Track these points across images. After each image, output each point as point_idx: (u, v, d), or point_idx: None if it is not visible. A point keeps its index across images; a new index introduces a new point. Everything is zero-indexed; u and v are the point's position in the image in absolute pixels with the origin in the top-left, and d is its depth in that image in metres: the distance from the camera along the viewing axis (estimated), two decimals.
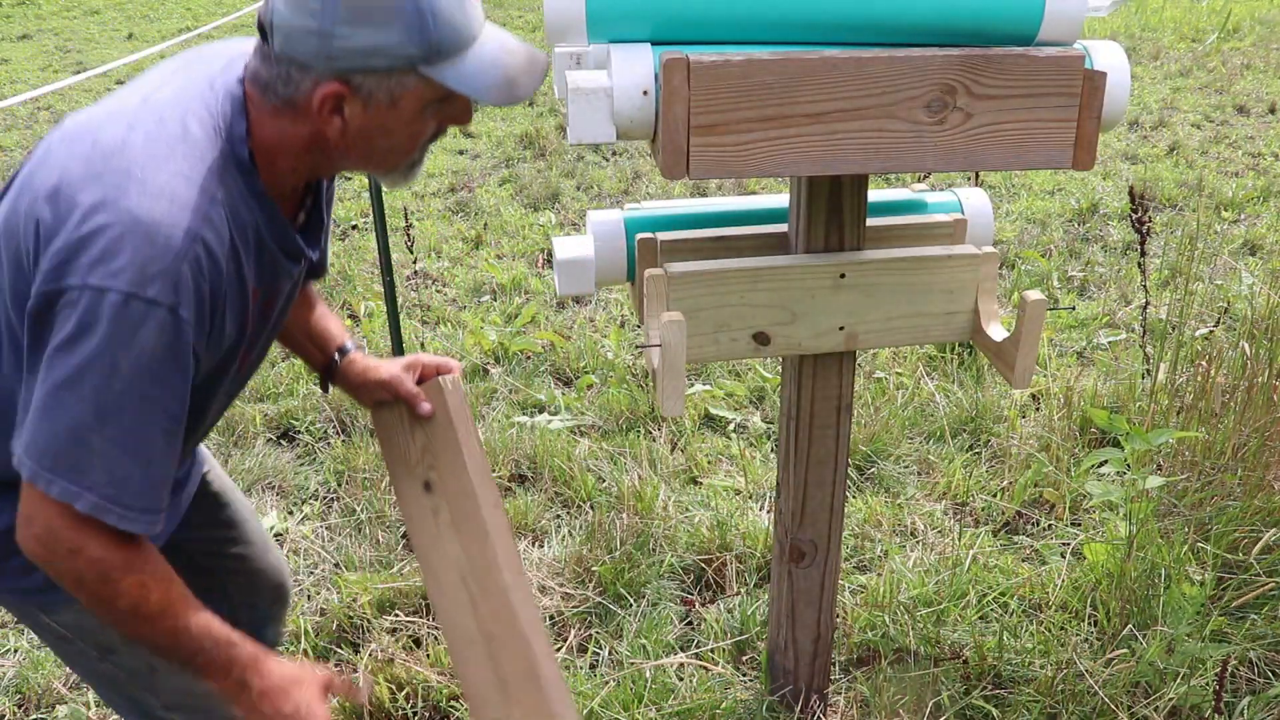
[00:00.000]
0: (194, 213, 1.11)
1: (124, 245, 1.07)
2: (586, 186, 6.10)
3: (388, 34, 1.10)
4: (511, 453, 3.22)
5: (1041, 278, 4.57)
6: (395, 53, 1.11)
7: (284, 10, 1.11)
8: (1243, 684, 2.27)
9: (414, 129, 1.21)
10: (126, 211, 1.08)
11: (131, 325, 1.08)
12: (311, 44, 1.11)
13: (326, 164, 1.25)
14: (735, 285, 1.68)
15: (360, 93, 1.14)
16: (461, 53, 1.15)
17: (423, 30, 1.11)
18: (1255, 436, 2.69)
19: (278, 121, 1.19)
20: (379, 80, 1.13)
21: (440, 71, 1.14)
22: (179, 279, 1.09)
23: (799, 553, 2.03)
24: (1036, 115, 1.48)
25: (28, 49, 10.28)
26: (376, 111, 1.16)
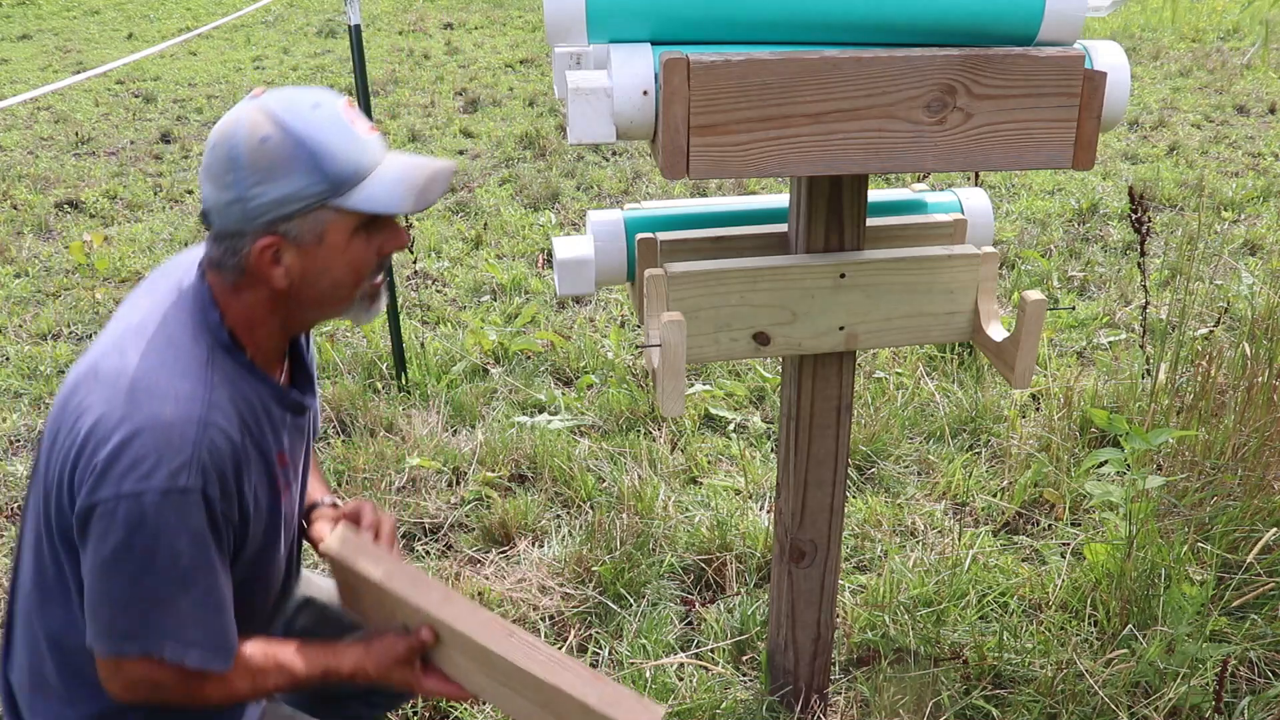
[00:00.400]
0: (199, 403, 1.26)
1: (148, 451, 1.21)
2: (586, 186, 6.10)
3: (292, 181, 1.25)
4: (511, 453, 3.22)
5: (1041, 278, 4.57)
6: (304, 195, 1.26)
7: (209, 192, 1.29)
8: (1243, 684, 2.27)
9: (350, 259, 1.32)
10: (141, 422, 1.22)
11: (176, 515, 1.23)
12: (236, 211, 1.27)
13: (295, 318, 1.38)
14: (735, 285, 1.68)
15: (290, 238, 1.28)
16: (365, 178, 1.28)
17: (321, 169, 1.25)
18: (1255, 436, 2.69)
19: (241, 296, 1.34)
20: (300, 223, 1.27)
21: (349, 199, 1.27)
22: (203, 465, 1.24)
23: (799, 553, 2.03)
24: (1036, 115, 1.48)
25: (28, 49, 10.28)
26: (309, 251, 1.30)
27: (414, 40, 10.65)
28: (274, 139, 1.24)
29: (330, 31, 11.03)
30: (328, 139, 1.26)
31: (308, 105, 1.27)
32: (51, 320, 4.36)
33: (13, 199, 5.89)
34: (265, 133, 1.24)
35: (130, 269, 4.90)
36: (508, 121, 7.56)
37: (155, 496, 1.22)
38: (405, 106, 7.99)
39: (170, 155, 6.82)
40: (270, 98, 1.28)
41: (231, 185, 1.26)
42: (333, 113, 1.28)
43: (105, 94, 8.44)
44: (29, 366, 3.96)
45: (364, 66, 3.62)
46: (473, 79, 8.90)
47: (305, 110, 1.26)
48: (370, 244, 1.33)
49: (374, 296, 1.39)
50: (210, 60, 9.71)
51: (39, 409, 3.69)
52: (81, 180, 6.27)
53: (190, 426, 1.24)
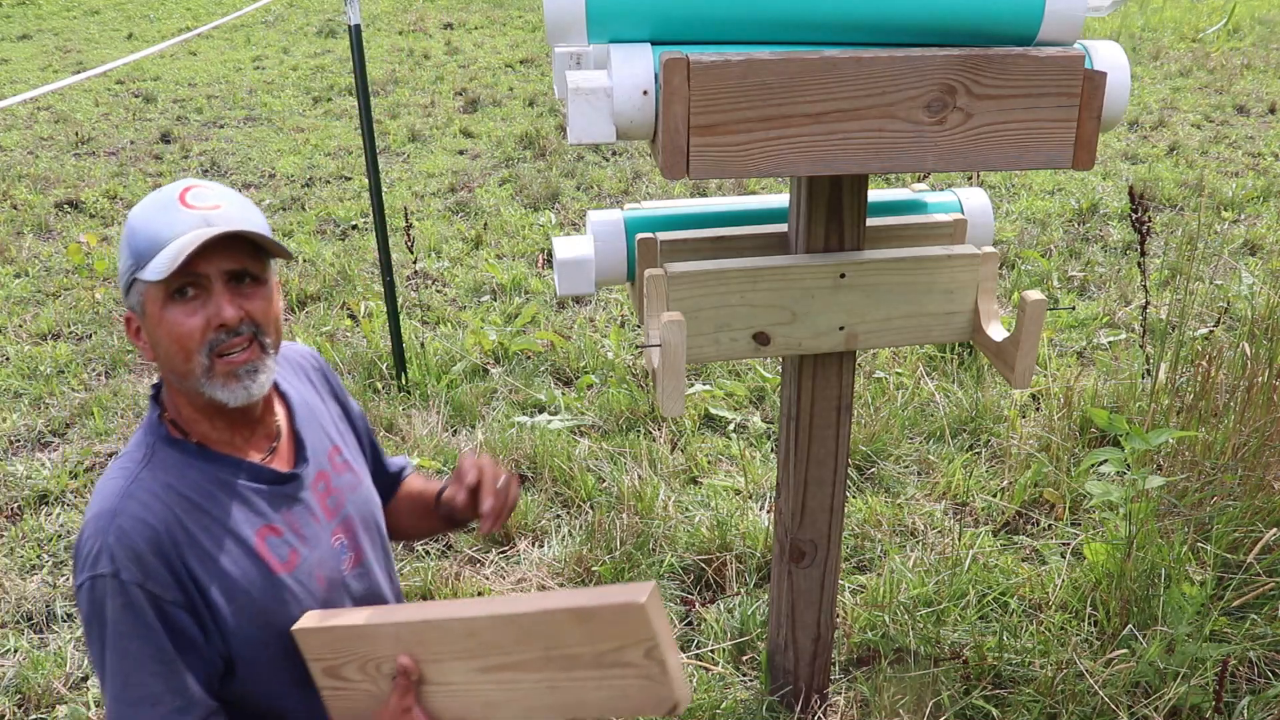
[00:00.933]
0: (114, 497, 1.33)
1: (80, 546, 1.33)
2: (586, 186, 6.10)
3: (123, 258, 1.36)
4: (511, 453, 3.22)
5: (1041, 278, 4.57)
6: (125, 269, 1.35)
7: None
8: (1243, 684, 2.27)
9: (168, 330, 1.34)
10: (87, 515, 1.35)
11: (98, 600, 1.31)
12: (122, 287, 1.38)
13: (192, 398, 1.39)
14: (735, 285, 1.68)
15: (135, 311, 1.37)
16: (161, 249, 1.31)
17: (132, 247, 1.34)
18: (1255, 436, 2.69)
19: (166, 389, 1.43)
20: (131, 297, 1.36)
21: (144, 272, 1.32)
22: (111, 552, 1.30)
23: (799, 553, 2.03)
24: (1036, 115, 1.48)
25: (28, 49, 10.28)
26: (146, 322, 1.36)
27: (414, 40, 10.65)
28: (127, 220, 1.37)
29: (330, 31, 11.03)
30: (144, 216, 1.34)
31: (166, 189, 1.37)
32: (51, 320, 4.36)
33: (13, 199, 5.89)
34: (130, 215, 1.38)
35: None
36: (508, 121, 7.56)
37: (84, 583, 1.32)
38: (405, 106, 7.98)
39: (170, 155, 6.82)
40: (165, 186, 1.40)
41: None
42: (167, 194, 1.35)
43: (105, 94, 8.44)
44: (29, 366, 3.96)
45: (364, 66, 3.62)
46: (473, 79, 8.90)
47: (155, 194, 1.37)
48: (189, 314, 1.33)
49: (219, 374, 1.35)
50: (210, 60, 9.71)
51: (39, 409, 3.69)
52: (81, 180, 6.27)
53: (103, 519, 1.32)
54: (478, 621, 1.31)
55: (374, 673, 1.39)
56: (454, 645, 1.34)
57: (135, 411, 3.62)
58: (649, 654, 1.30)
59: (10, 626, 2.65)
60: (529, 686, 1.32)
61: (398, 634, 1.36)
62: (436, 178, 6.33)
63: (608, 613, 1.26)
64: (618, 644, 1.28)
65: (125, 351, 4.09)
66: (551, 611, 1.27)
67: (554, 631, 1.28)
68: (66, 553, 2.91)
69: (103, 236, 5.39)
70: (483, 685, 1.35)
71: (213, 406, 1.39)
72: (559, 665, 1.30)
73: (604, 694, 1.31)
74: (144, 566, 1.32)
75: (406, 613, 1.37)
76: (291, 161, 6.67)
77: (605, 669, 1.30)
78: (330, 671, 1.42)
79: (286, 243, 5.18)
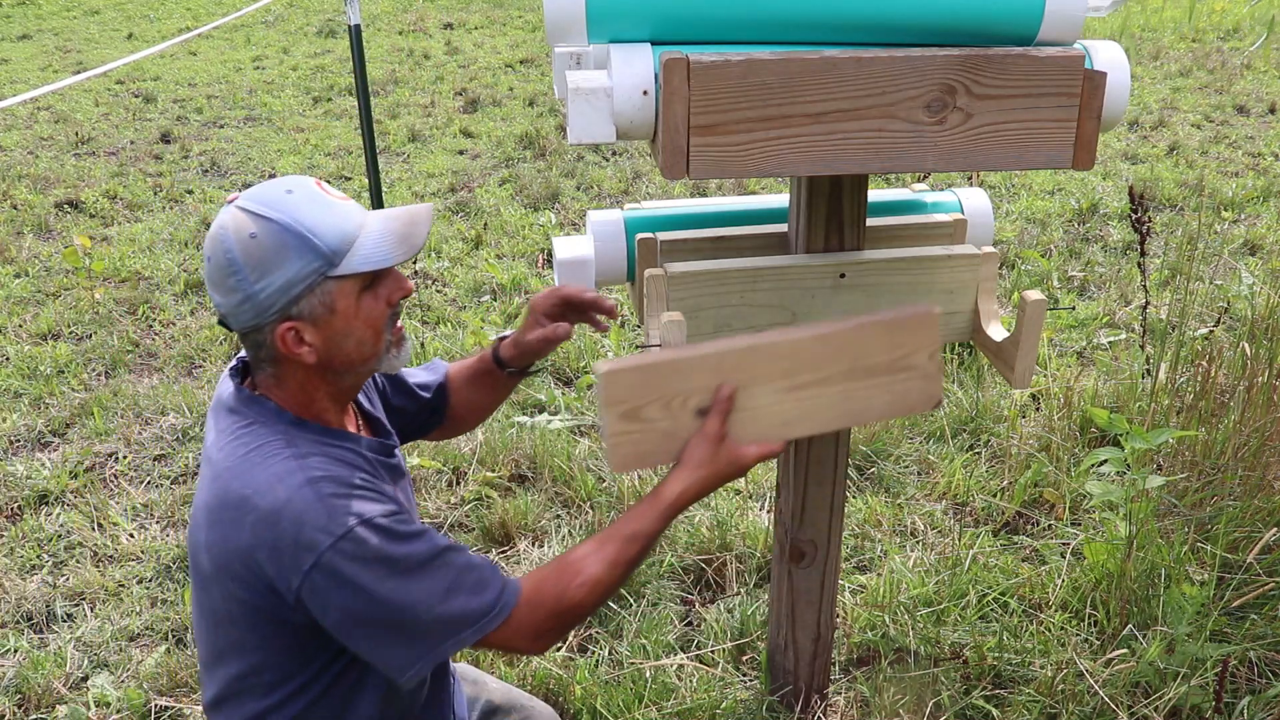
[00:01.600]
0: (296, 472, 1.33)
1: (304, 522, 1.30)
2: (586, 186, 6.10)
3: (290, 266, 1.32)
4: (511, 453, 3.22)
5: (1041, 278, 4.57)
6: (304, 275, 1.33)
7: (220, 300, 1.36)
8: (1243, 684, 2.27)
9: (364, 319, 1.39)
10: (272, 508, 1.31)
11: (357, 552, 1.30)
12: (248, 310, 1.34)
13: (336, 386, 1.45)
14: (735, 285, 1.68)
15: (304, 317, 1.36)
16: (354, 242, 1.35)
17: (313, 248, 1.32)
18: (1255, 436, 2.69)
19: (285, 385, 1.42)
20: (309, 301, 1.35)
21: (345, 266, 1.34)
22: (335, 508, 1.31)
23: (799, 553, 2.03)
24: (1036, 115, 1.48)
25: (28, 49, 10.28)
26: (326, 323, 1.36)
27: (414, 40, 10.65)
28: (261, 233, 1.31)
29: (330, 31, 11.04)
30: (310, 218, 1.33)
31: (281, 192, 1.34)
32: (51, 320, 4.36)
33: (13, 199, 5.89)
34: (251, 230, 1.32)
35: (130, 269, 4.90)
36: (508, 121, 7.56)
37: (326, 552, 1.29)
38: (405, 106, 7.99)
39: (170, 155, 6.82)
40: (244, 197, 1.35)
41: (236, 287, 1.33)
42: (307, 193, 1.35)
43: (105, 94, 8.44)
44: (29, 366, 3.96)
45: (364, 66, 3.62)
46: (473, 79, 8.90)
47: (281, 198, 1.34)
48: (378, 298, 1.40)
49: (398, 343, 1.45)
50: (210, 60, 9.71)
51: (39, 409, 3.69)
52: (81, 180, 6.27)
53: (303, 492, 1.31)
54: (800, 342, 1.46)
55: (678, 409, 1.46)
56: (771, 368, 1.46)
57: (135, 411, 3.62)
58: (931, 356, 1.52)
59: (10, 626, 2.65)
60: (826, 400, 1.49)
61: (719, 363, 1.45)
62: (436, 178, 6.33)
63: (911, 322, 1.48)
64: (910, 350, 1.50)
65: (125, 351, 4.09)
66: (866, 325, 1.47)
67: (863, 344, 1.47)
68: (67, 553, 2.91)
69: (103, 237, 5.39)
70: (784, 404, 1.49)
71: (344, 390, 1.46)
72: (858, 375, 1.49)
73: (887, 398, 1.52)
74: (371, 498, 1.35)
75: (718, 345, 1.47)
76: (291, 161, 6.67)
77: (895, 374, 1.50)
78: (630, 414, 1.46)
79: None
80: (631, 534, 1.45)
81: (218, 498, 1.37)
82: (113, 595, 2.74)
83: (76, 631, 2.60)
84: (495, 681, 1.90)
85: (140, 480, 3.26)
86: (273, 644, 1.41)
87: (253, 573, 1.34)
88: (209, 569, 1.40)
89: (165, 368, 4.00)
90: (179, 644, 2.56)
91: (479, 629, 1.36)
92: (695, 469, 1.45)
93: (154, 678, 2.42)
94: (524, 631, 1.40)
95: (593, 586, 1.41)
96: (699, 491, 1.46)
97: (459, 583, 1.36)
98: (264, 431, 1.39)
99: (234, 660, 1.45)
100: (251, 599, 1.37)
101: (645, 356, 1.46)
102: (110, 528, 3.01)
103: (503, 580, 1.40)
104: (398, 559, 1.32)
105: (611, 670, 2.37)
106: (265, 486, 1.32)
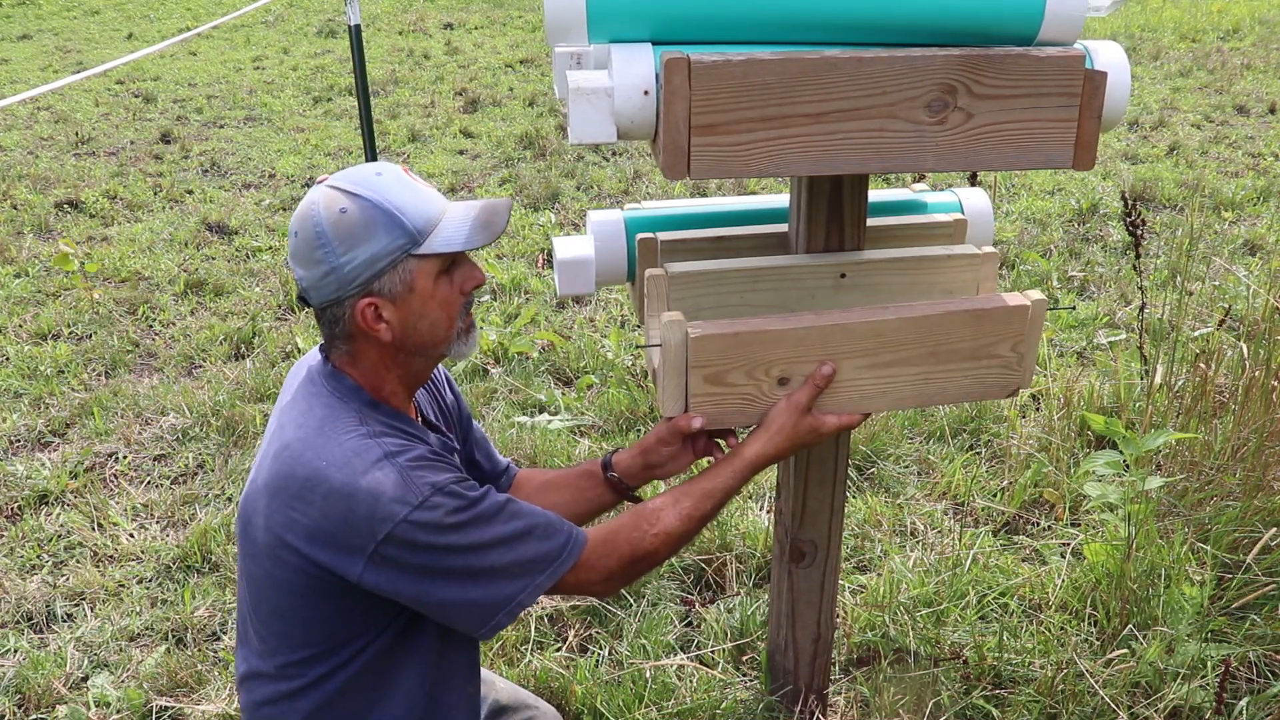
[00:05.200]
0: (371, 448, 1.38)
1: (380, 494, 1.34)
2: (586, 186, 6.10)
3: (376, 241, 1.37)
4: (511, 453, 3.22)
5: (1041, 278, 4.57)
6: (390, 250, 1.38)
7: (303, 273, 1.41)
8: (1242, 684, 2.27)
9: (440, 300, 1.44)
10: (347, 481, 1.35)
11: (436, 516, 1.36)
12: (331, 282, 1.39)
13: (408, 369, 1.50)
14: (735, 285, 1.68)
15: (384, 294, 1.41)
16: (436, 225, 1.41)
17: (400, 225, 1.38)
18: (1255, 436, 2.69)
19: (359, 364, 1.47)
20: (391, 277, 1.40)
21: (428, 246, 1.40)
22: (411, 479, 1.36)
23: (799, 553, 2.03)
24: (1037, 115, 1.48)
25: (28, 49, 10.28)
26: (404, 302, 1.42)
27: (414, 40, 10.65)
28: (351, 209, 1.37)
29: (330, 31, 11.04)
30: (399, 198, 1.39)
31: (372, 174, 1.40)
32: (51, 320, 4.36)
33: (13, 199, 5.89)
34: (342, 205, 1.37)
35: (130, 269, 4.90)
36: (508, 121, 7.57)
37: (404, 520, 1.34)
38: (405, 106, 7.99)
39: (170, 155, 6.82)
40: (336, 177, 1.41)
41: (322, 259, 1.38)
42: (396, 176, 1.41)
43: (105, 94, 8.44)
44: (29, 366, 3.96)
45: (364, 66, 3.62)
46: (473, 79, 8.90)
47: (372, 179, 1.40)
48: (453, 284, 1.46)
49: (468, 330, 1.51)
50: (210, 60, 9.72)
51: (39, 409, 3.69)
52: (81, 180, 6.27)
53: (381, 466, 1.36)
54: (886, 323, 1.51)
55: (761, 377, 1.54)
56: (855, 345, 1.52)
57: (135, 411, 3.62)
58: (1015, 346, 1.56)
59: (10, 626, 2.65)
60: (905, 380, 1.55)
61: (805, 336, 1.51)
62: (436, 178, 6.33)
63: (999, 313, 1.53)
64: (995, 339, 1.55)
65: (125, 351, 4.09)
66: (954, 313, 1.52)
67: (949, 329, 1.52)
68: (67, 553, 2.91)
69: (103, 237, 5.39)
70: (864, 381, 1.55)
71: (414, 374, 1.51)
72: (940, 359, 1.54)
73: (966, 382, 1.58)
74: (438, 469, 1.40)
75: (806, 318, 1.54)
76: (291, 161, 6.67)
77: (976, 360, 1.56)
78: (714, 378, 1.54)
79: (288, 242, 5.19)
80: (709, 490, 1.53)
81: (287, 467, 1.40)
82: (113, 595, 2.74)
83: (76, 631, 2.60)
84: (503, 681, 1.91)
85: (140, 480, 3.26)
86: (317, 618, 1.45)
87: (315, 545, 1.37)
88: (264, 539, 1.43)
89: (165, 368, 4.00)
90: (179, 644, 2.56)
91: (553, 572, 1.43)
92: (777, 434, 1.55)
93: (154, 678, 2.42)
94: (596, 573, 1.47)
95: (666, 537, 1.50)
96: (777, 455, 1.56)
97: (529, 529, 1.42)
98: (339, 407, 1.44)
99: (273, 633, 1.48)
100: (306, 569, 1.40)
101: (734, 324, 1.52)
102: (110, 528, 3.01)
103: (570, 526, 1.47)
104: (471, 518, 1.38)
105: (612, 670, 2.37)
106: (341, 461, 1.37)
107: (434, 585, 1.39)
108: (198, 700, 2.35)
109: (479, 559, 1.39)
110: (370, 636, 1.47)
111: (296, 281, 1.44)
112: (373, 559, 1.36)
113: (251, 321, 4.30)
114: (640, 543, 1.49)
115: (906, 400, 1.60)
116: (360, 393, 1.46)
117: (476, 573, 1.39)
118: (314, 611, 1.45)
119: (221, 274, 4.84)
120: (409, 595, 1.40)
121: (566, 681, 2.31)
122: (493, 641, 2.43)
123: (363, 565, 1.36)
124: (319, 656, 1.47)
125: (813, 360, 1.55)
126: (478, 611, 1.41)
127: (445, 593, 1.39)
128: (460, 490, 1.39)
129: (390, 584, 1.38)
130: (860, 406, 1.58)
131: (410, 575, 1.38)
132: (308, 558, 1.39)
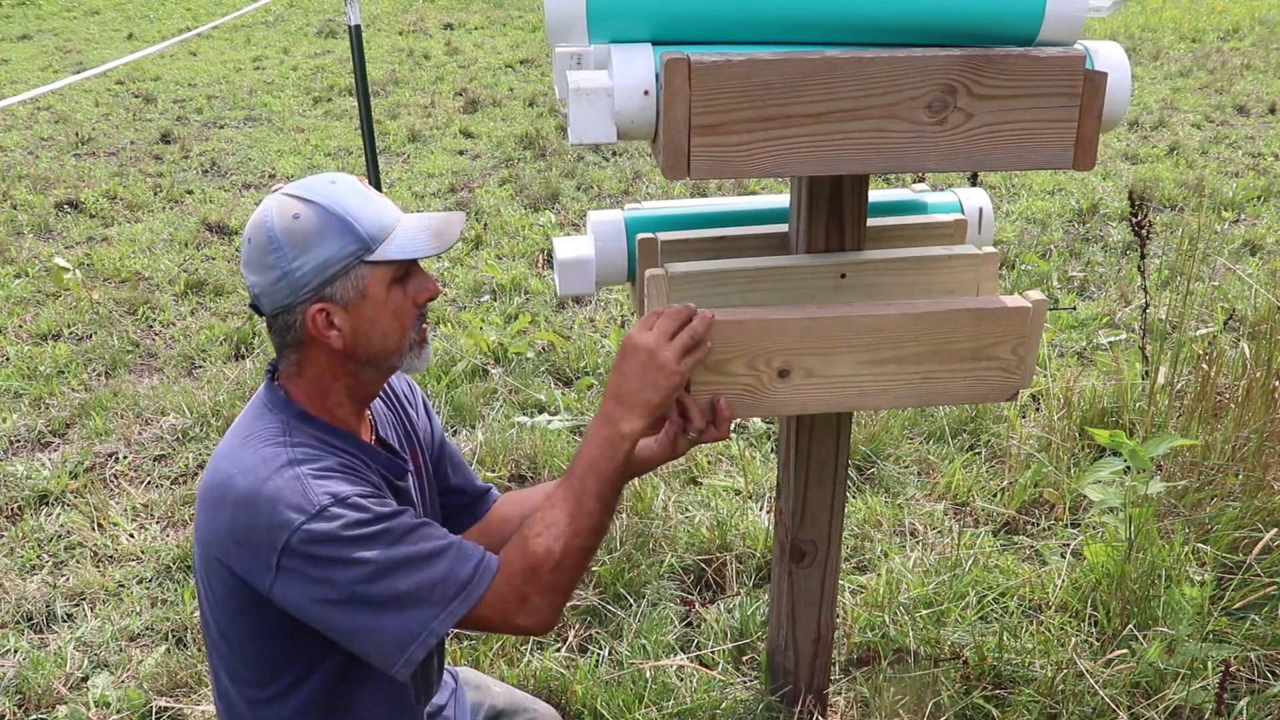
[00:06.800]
0: (281, 456, 1.36)
1: (279, 500, 1.32)
2: (586, 186, 6.10)
3: (328, 246, 1.37)
4: (511, 453, 3.22)
5: (1041, 278, 4.57)
6: (342, 256, 1.37)
7: (255, 279, 1.40)
8: (1242, 684, 2.27)
9: (392, 309, 1.43)
10: (250, 487, 1.33)
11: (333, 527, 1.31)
12: (283, 287, 1.38)
13: (357, 379, 1.47)
14: (735, 285, 1.68)
15: (335, 299, 1.39)
16: (389, 233, 1.40)
17: (353, 231, 1.37)
18: (1255, 436, 2.69)
19: (305, 373, 1.45)
20: (343, 283, 1.39)
21: (381, 253, 1.39)
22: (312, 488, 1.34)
23: (799, 553, 2.03)
24: (1037, 115, 1.48)
25: (28, 49, 10.28)
26: (355, 308, 1.40)
27: (414, 40, 10.65)
28: (305, 214, 1.37)
29: (330, 31, 11.04)
30: (352, 205, 1.39)
31: (326, 183, 1.41)
32: (51, 320, 4.36)
33: (13, 199, 5.89)
34: (296, 211, 1.37)
35: (130, 269, 4.90)
36: (508, 121, 7.57)
37: (299, 530, 1.30)
38: (405, 106, 7.99)
39: (170, 155, 6.82)
40: (290, 185, 1.42)
41: (274, 265, 1.37)
42: (350, 185, 1.42)
43: (105, 94, 8.44)
44: (29, 366, 3.96)
45: (364, 66, 3.62)
46: (473, 79, 8.90)
47: (326, 187, 1.40)
48: (406, 294, 1.44)
49: (421, 343, 1.49)
50: (210, 60, 9.72)
51: (39, 409, 3.69)
52: (81, 180, 6.27)
53: (283, 474, 1.34)
54: (887, 318, 1.52)
55: (762, 368, 1.54)
56: (856, 339, 1.53)
57: (135, 412, 3.62)
58: (1015, 349, 1.56)
59: (10, 626, 2.65)
60: (905, 378, 1.55)
61: (807, 328, 1.52)
62: (436, 178, 6.33)
63: (1000, 313, 1.53)
64: (996, 340, 1.55)
65: (125, 352, 4.09)
66: (956, 311, 1.52)
67: (950, 328, 1.52)
68: (67, 553, 2.91)
69: (103, 237, 5.39)
70: (864, 376, 1.55)
71: (364, 386, 1.49)
72: (940, 359, 1.55)
73: (965, 383, 1.58)
74: (347, 481, 1.37)
75: (808, 310, 1.54)
76: (292, 162, 6.67)
77: (976, 361, 1.56)
78: (715, 366, 1.52)
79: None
80: (575, 466, 1.43)
81: (208, 478, 1.40)
82: (113, 595, 2.74)
83: (76, 631, 2.60)
84: (499, 685, 1.90)
85: (140, 480, 3.26)
86: (257, 634, 1.42)
87: (230, 554, 1.35)
88: (199, 553, 1.42)
89: (165, 368, 4.00)
90: (179, 644, 2.56)
91: (465, 598, 1.34)
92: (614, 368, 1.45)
93: (154, 678, 2.42)
94: (508, 600, 1.37)
95: (555, 530, 1.39)
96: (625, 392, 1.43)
97: (438, 551, 1.35)
98: (268, 418, 1.43)
99: (227, 650, 1.46)
100: (233, 584, 1.37)
101: (736, 312, 1.52)
102: (110, 528, 3.01)
103: (482, 551, 1.39)
104: (374, 534, 1.32)
105: (612, 671, 2.37)
106: (249, 468, 1.35)
107: (337, 606, 1.32)
108: (198, 700, 2.35)
109: (382, 581, 1.31)
110: (313, 659, 1.43)
111: (249, 289, 1.43)
112: (279, 571, 1.31)
113: (251, 321, 4.30)
114: (531, 550, 1.37)
115: (906, 399, 1.61)
116: (292, 405, 1.44)
117: (383, 596, 1.31)
118: (252, 628, 1.41)
119: (221, 274, 4.84)
120: (315, 616, 1.33)
121: (566, 682, 2.31)
122: (493, 641, 2.43)
123: (271, 578, 1.32)
124: (262, 679, 1.44)
125: (814, 352, 1.55)
126: (389, 642, 1.32)
127: (352, 616, 1.32)
128: (366, 504, 1.33)
129: (295, 599, 1.33)
130: (861, 404, 1.59)
131: (312, 590, 1.32)
132: (230, 569, 1.36)
